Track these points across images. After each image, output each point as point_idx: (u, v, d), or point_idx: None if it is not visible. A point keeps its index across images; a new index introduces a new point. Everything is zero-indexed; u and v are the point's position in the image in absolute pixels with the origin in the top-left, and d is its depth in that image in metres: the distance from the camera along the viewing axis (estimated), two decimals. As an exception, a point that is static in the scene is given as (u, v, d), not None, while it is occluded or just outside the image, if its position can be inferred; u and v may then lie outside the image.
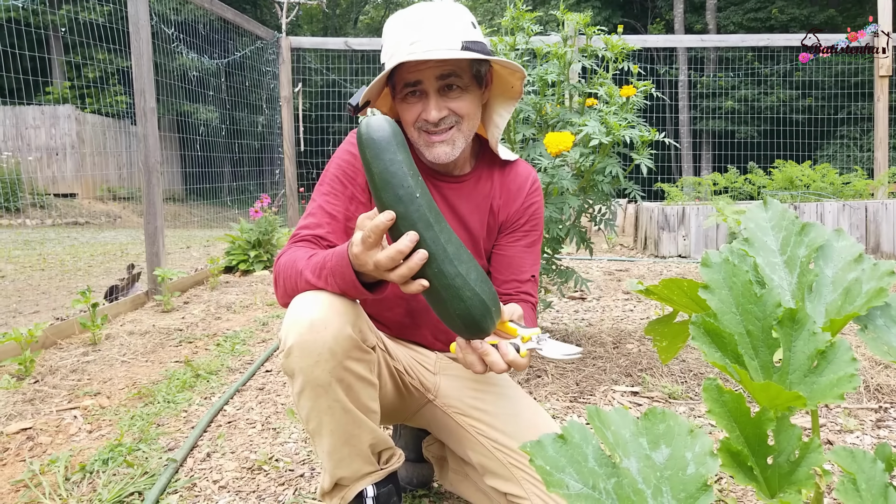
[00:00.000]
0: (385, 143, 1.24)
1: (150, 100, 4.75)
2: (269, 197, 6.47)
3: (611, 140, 2.74)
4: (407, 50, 1.43)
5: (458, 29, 1.47)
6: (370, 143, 1.23)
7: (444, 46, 1.43)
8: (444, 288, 1.22)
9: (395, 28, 1.49)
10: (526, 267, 1.70)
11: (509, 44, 3.13)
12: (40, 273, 6.47)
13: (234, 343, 3.62)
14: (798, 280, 0.99)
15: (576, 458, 0.74)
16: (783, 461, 0.80)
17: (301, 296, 1.37)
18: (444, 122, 1.51)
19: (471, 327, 1.26)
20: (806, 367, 0.86)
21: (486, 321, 1.26)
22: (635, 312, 4.13)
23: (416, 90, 1.49)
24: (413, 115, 1.51)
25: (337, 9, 33.86)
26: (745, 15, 21.75)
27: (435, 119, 1.49)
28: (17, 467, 2.17)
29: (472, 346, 1.30)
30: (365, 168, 1.25)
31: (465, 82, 1.51)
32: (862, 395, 2.60)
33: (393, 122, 1.26)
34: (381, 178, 1.21)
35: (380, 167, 1.22)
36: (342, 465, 1.40)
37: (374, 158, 1.22)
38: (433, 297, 1.26)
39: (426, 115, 1.49)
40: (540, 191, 1.76)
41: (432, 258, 1.21)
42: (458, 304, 1.23)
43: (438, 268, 1.21)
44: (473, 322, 1.25)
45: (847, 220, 6.58)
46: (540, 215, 1.75)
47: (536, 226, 1.74)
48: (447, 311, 1.25)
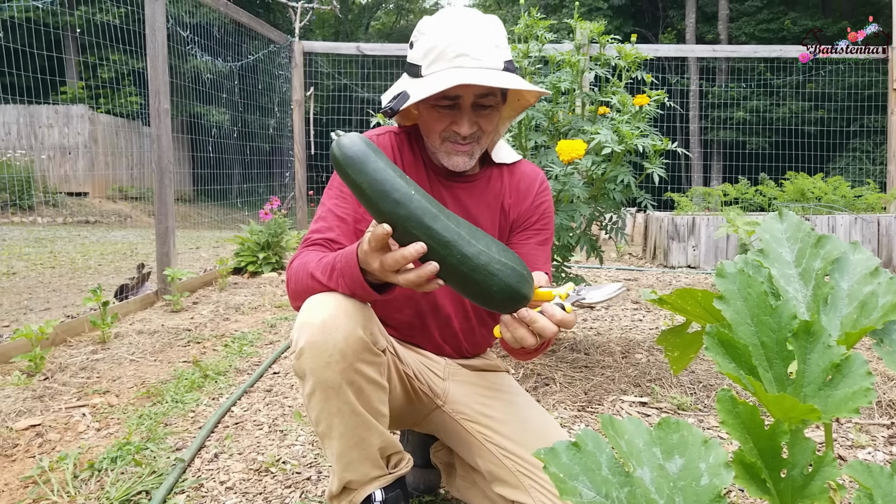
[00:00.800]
0: (363, 155, 1.23)
1: (165, 101, 4.78)
2: (278, 199, 6.49)
3: (623, 149, 2.74)
4: (453, 62, 1.44)
5: (502, 47, 1.49)
6: (350, 161, 1.22)
7: (491, 65, 1.45)
8: (472, 270, 1.20)
9: (438, 33, 1.48)
10: (539, 264, 1.70)
11: (522, 51, 3.14)
12: (51, 271, 6.50)
13: (243, 344, 3.63)
14: (813, 292, 0.98)
15: (589, 466, 0.74)
16: (797, 474, 0.79)
17: (313, 298, 1.37)
18: (471, 137, 1.54)
19: (512, 298, 1.23)
20: (820, 381, 0.86)
21: (524, 286, 1.24)
22: (644, 322, 4.12)
23: (453, 103, 1.50)
24: (442, 125, 1.52)
25: (349, 14, 34.00)
26: (758, 26, 21.72)
27: (466, 133, 1.51)
28: (26, 463, 2.18)
29: (520, 318, 1.26)
30: (351, 187, 1.23)
31: (496, 101, 1.54)
32: (874, 411, 2.59)
33: (361, 136, 1.27)
34: (373, 190, 1.20)
35: (367, 179, 1.21)
36: (351, 468, 1.40)
37: (359, 173, 1.21)
38: (465, 284, 1.23)
39: (458, 128, 1.51)
40: (549, 190, 1.77)
41: (451, 245, 1.19)
42: (493, 280, 1.21)
43: (461, 252, 1.20)
44: (512, 291, 1.22)
45: (859, 234, 6.55)
46: (550, 214, 1.76)
47: (547, 224, 1.75)
48: (483, 291, 1.22)
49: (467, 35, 1.45)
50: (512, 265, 1.23)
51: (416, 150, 1.67)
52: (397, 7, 39.29)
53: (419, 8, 40.02)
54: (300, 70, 7.88)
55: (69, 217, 12.46)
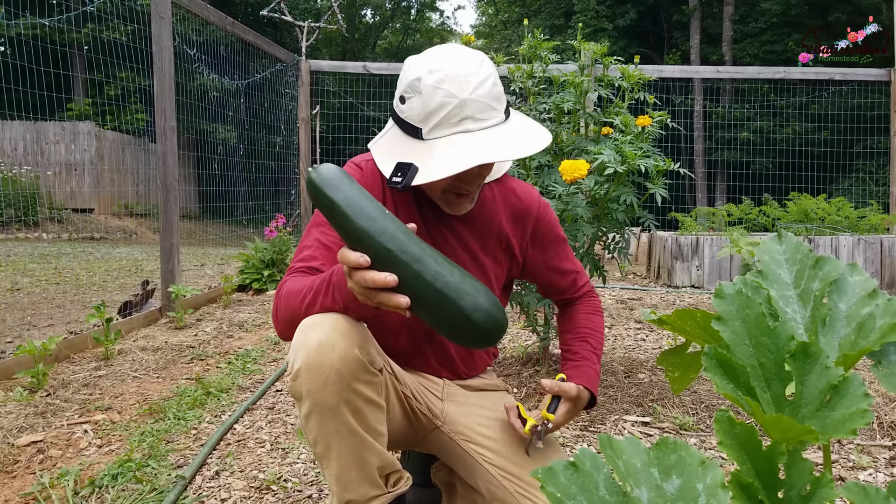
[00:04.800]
0: (341, 175, 1.27)
1: (171, 119, 4.82)
2: (284, 217, 6.51)
3: (626, 169, 2.76)
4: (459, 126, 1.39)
5: (498, 88, 1.45)
6: (328, 182, 1.25)
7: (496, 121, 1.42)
8: (444, 286, 1.22)
9: (433, 91, 1.39)
10: (567, 269, 1.80)
11: (527, 72, 3.16)
12: (55, 287, 6.52)
13: (246, 361, 3.63)
14: (811, 313, 0.99)
15: (587, 485, 0.75)
16: (794, 495, 0.79)
17: (307, 319, 1.36)
18: (476, 187, 1.54)
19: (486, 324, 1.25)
20: (818, 402, 0.86)
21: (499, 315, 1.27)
22: (647, 342, 4.12)
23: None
24: (446, 182, 1.48)
25: (356, 33, 34.25)
26: (762, 47, 21.80)
27: (472, 189, 1.52)
28: (26, 480, 2.18)
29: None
30: (326, 206, 1.24)
31: None
32: (875, 432, 2.57)
33: (336, 166, 1.30)
34: (349, 206, 1.23)
35: (343, 196, 1.24)
36: (350, 488, 1.39)
37: (336, 190, 1.24)
38: (436, 304, 1.23)
39: (467, 186, 1.50)
40: (545, 206, 1.77)
41: (422, 261, 1.22)
42: (465, 300, 1.23)
43: (434, 269, 1.22)
44: (488, 315, 1.24)
45: (862, 255, 6.54)
46: (555, 222, 1.78)
47: (555, 231, 1.78)
48: (453, 312, 1.23)
49: (467, 90, 1.39)
50: (485, 292, 1.25)
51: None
52: (404, 27, 39.57)
53: (426, 27, 40.32)
54: (306, 88, 7.93)
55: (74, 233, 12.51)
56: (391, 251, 1.20)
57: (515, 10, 29.44)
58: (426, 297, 1.22)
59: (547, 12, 25.66)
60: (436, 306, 1.22)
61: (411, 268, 1.20)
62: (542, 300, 2.92)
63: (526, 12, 26.85)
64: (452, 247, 1.63)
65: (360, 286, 1.22)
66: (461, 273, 1.25)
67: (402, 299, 1.20)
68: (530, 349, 3.65)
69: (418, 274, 1.21)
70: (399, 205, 1.61)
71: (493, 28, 34.52)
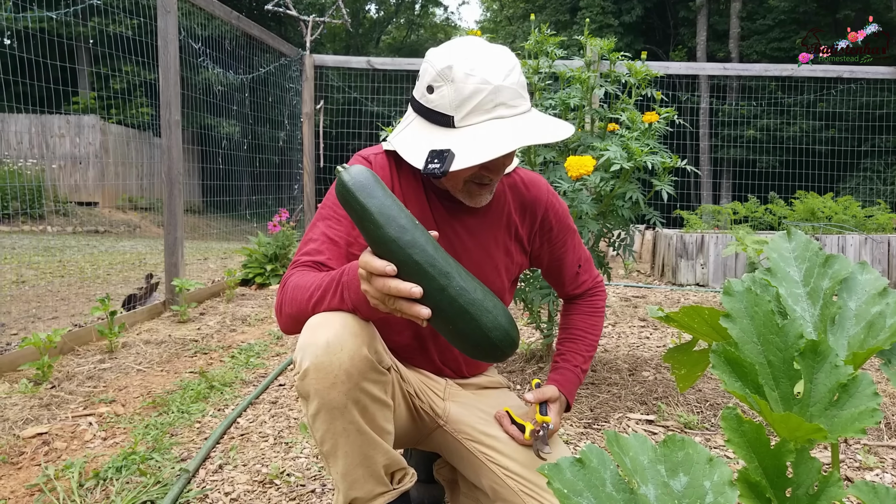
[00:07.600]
0: (374, 180, 1.25)
1: (176, 112, 4.82)
2: (287, 211, 6.51)
3: (632, 165, 2.75)
4: (493, 113, 1.40)
5: (525, 84, 1.48)
6: (360, 186, 1.23)
7: (524, 108, 1.44)
8: (468, 303, 1.23)
9: (466, 79, 1.40)
10: (574, 260, 1.80)
11: (533, 67, 3.15)
12: (60, 280, 6.53)
13: (249, 356, 3.63)
14: (821, 312, 0.98)
15: (593, 482, 0.74)
16: (801, 494, 0.79)
17: (315, 317, 1.35)
18: (498, 177, 1.54)
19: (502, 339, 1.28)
20: (827, 400, 0.85)
21: (513, 331, 1.29)
22: (651, 340, 4.11)
23: None
24: (471, 171, 1.48)
25: (360, 28, 34.22)
26: (769, 45, 21.73)
27: (495, 178, 1.52)
28: (32, 471, 2.19)
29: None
30: (357, 211, 1.23)
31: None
32: (882, 432, 2.57)
33: (367, 168, 1.28)
34: (381, 214, 1.21)
35: (376, 203, 1.22)
36: (356, 486, 1.39)
37: (369, 196, 1.22)
38: (458, 317, 1.25)
39: (493, 174, 1.50)
40: (554, 196, 1.77)
41: (449, 275, 1.22)
42: (486, 316, 1.25)
43: (459, 284, 1.24)
44: (503, 331, 1.27)
45: (869, 254, 6.52)
46: (564, 213, 1.77)
47: (564, 221, 1.77)
48: (475, 327, 1.25)
49: (499, 76, 1.40)
50: (503, 310, 1.27)
51: (415, 171, 1.61)
52: (408, 22, 39.53)
53: (430, 23, 40.28)
54: (310, 83, 7.93)
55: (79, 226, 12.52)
56: (419, 264, 1.20)
57: (520, 5, 29.40)
58: (448, 312, 1.23)
59: (552, 8, 25.62)
60: (455, 321, 1.24)
61: (437, 281, 1.21)
62: (545, 297, 2.92)
63: (531, 7, 26.81)
64: (463, 240, 1.63)
65: (381, 293, 1.21)
66: (483, 290, 1.26)
67: (424, 310, 1.20)
68: (534, 346, 3.65)
69: (444, 288, 1.21)
70: (409, 197, 1.60)
71: (497, 24, 34.45)
